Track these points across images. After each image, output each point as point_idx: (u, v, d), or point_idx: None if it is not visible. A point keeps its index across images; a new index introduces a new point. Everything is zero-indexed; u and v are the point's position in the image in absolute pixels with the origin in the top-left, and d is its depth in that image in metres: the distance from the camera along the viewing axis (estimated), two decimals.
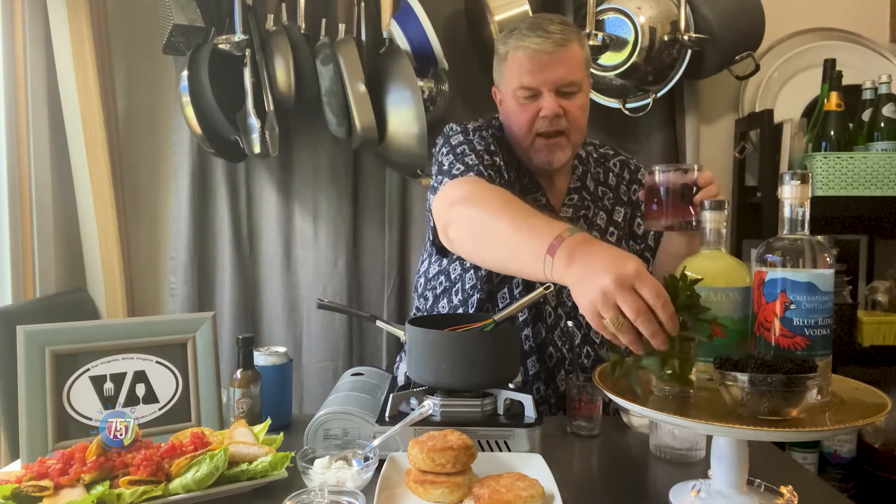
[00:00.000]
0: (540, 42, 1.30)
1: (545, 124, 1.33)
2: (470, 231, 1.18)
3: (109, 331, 1.14)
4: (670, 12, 1.82)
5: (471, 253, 1.22)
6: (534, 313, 1.39)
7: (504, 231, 1.09)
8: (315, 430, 1.08)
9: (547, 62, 1.30)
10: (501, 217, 1.11)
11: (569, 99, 1.33)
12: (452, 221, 1.21)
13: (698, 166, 1.20)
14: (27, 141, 1.76)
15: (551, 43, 1.29)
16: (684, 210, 1.18)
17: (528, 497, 0.87)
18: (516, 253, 1.07)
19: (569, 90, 1.32)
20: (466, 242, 1.20)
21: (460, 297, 1.42)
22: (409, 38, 1.81)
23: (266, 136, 1.78)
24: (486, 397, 1.12)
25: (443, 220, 1.24)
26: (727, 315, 0.95)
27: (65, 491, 0.89)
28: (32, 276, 1.78)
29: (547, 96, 1.31)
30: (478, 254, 1.20)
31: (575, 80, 1.32)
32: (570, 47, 1.31)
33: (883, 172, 1.70)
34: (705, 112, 2.11)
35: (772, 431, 0.79)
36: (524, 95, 1.33)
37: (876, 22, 2.10)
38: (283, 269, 2.05)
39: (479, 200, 1.19)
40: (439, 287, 1.46)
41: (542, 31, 1.30)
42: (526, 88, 1.32)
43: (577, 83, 1.33)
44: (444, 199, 1.25)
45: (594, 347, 1.42)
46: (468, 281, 1.41)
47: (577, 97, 1.34)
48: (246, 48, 1.75)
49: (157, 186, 2.09)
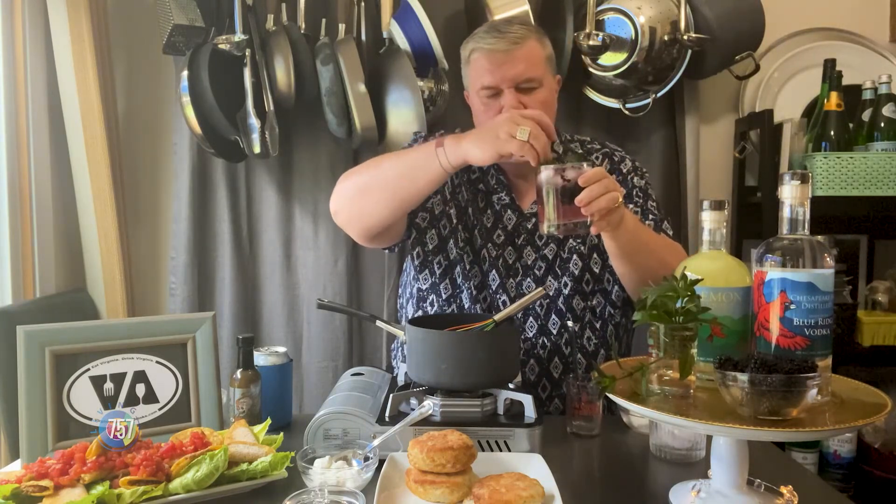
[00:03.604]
0: (494, 42, 1.35)
1: None
2: (355, 190, 1.34)
3: (109, 331, 1.14)
4: (670, 12, 1.82)
5: (361, 208, 1.33)
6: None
7: (390, 166, 1.31)
8: (315, 430, 1.08)
9: (503, 60, 1.34)
10: (383, 163, 1.33)
11: (529, 95, 1.36)
12: (335, 197, 1.37)
13: (586, 164, 1.14)
14: (27, 141, 1.76)
15: (506, 41, 1.34)
16: (570, 212, 1.12)
17: (528, 497, 0.87)
18: (409, 170, 1.27)
19: (529, 86, 1.35)
20: (354, 203, 1.34)
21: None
22: (409, 38, 1.81)
23: (266, 136, 1.78)
24: (486, 397, 1.12)
25: (333, 208, 1.39)
26: (727, 315, 0.95)
27: (65, 491, 0.89)
28: (32, 276, 1.78)
29: (507, 93, 1.35)
30: (367, 204, 1.32)
31: (534, 76, 1.35)
32: (527, 44, 1.35)
33: (883, 172, 1.70)
34: (705, 112, 2.11)
35: (772, 431, 0.79)
36: (486, 95, 1.37)
37: (876, 22, 2.10)
38: (283, 269, 2.04)
39: (356, 171, 1.38)
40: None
41: (496, 32, 1.36)
42: (487, 88, 1.36)
43: (536, 79, 1.35)
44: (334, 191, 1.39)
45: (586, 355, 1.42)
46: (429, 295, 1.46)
47: (538, 92, 1.37)
48: (246, 48, 1.75)
49: (157, 186, 2.09)
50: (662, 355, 0.90)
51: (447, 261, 1.44)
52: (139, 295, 2.06)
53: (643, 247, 1.27)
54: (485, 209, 1.46)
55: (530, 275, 1.42)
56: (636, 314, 0.91)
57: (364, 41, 1.91)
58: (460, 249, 1.43)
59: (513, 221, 1.45)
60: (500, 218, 1.45)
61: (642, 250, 1.26)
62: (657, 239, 1.34)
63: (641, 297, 0.92)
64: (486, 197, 1.47)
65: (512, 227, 1.44)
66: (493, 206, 1.46)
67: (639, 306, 0.92)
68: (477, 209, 1.46)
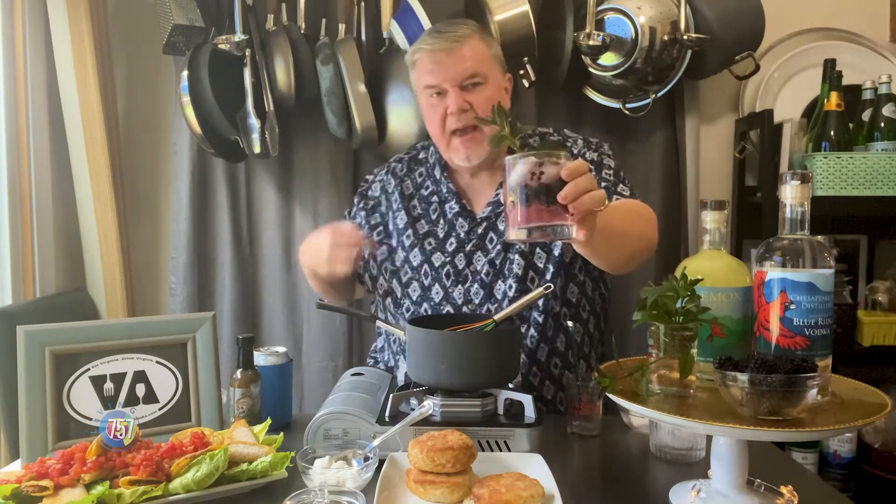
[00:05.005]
0: (434, 42, 1.38)
1: (454, 121, 1.37)
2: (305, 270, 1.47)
3: (109, 331, 1.14)
4: (670, 12, 1.82)
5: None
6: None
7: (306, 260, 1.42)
8: (315, 430, 1.09)
9: (444, 59, 1.36)
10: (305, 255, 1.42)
11: (474, 93, 1.36)
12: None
13: (566, 155, 0.94)
14: (27, 141, 1.76)
15: (445, 41, 1.37)
16: (546, 213, 0.92)
17: (528, 497, 0.87)
18: (315, 274, 1.39)
19: (473, 82, 1.36)
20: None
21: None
22: (409, 38, 1.81)
23: (266, 136, 1.78)
24: (486, 397, 1.12)
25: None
26: (727, 315, 0.95)
27: (65, 491, 0.89)
28: (32, 276, 1.78)
29: (451, 92, 1.36)
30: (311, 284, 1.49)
31: (477, 73, 1.36)
32: (468, 42, 1.37)
33: (883, 172, 1.70)
34: (705, 112, 2.11)
35: (772, 431, 0.79)
36: (431, 94, 1.39)
37: (876, 22, 2.10)
38: (283, 269, 2.04)
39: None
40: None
41: (436, 33, 1.40)
42: (430, 87, 1.38)
43: (480, 75, 1.36)
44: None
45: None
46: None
47: (483, 89, 1.37)
48: (246, 48, 1.75)
49: (157, 186, 2.09)
50: (662, 355, 0.90)
51: (394, 277, 1.45)
52: (139, 295, 2.06)
53: (617, 237, 1.18)
54: (437, 220, 1.46)
55: (477, 280, 1.39)
56: (636, 314, 0.91)
57: (364, 41, 1.91)
58: (404, 262, 1.44)
59: (465, 228, 1.43)
60: (454, 227, 1.44)
61: (615, 241, 1.19)
62: (625, 217, 1.26)
63: (641, 297, 0.92)
64: (440, 206, 1.47)
65: (465, 233, 1.43)
66: (445, 215, 1.46)
67: (639, 306, 0.92)
68: (430, 220, 1.46)
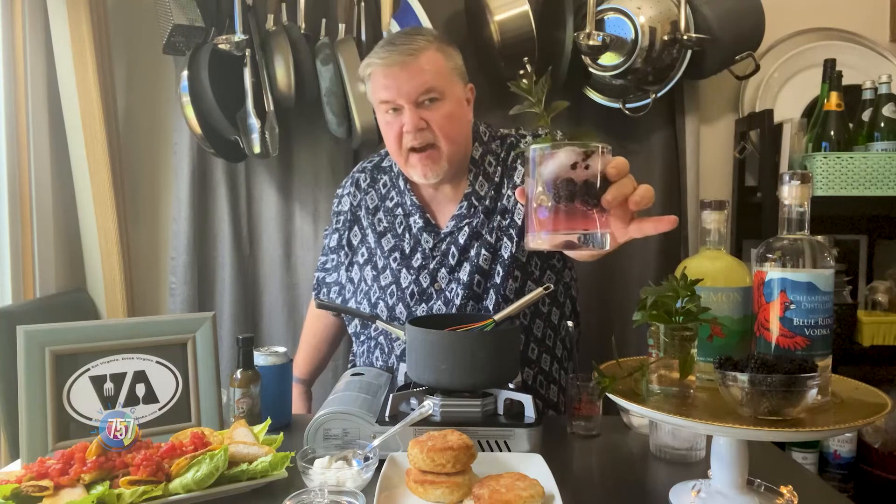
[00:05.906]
0: (386, 56, 1.28)
1: (410, 139, 1.30)
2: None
3: (109, 331, 1.14)
4: (670, 12, 1.82)
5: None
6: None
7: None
8: (315, 430, 1.08)
9: (399, 73, 1.27)
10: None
11: (431, 109, 1.29)
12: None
13: (602, 146, 0.79)
14: (27, 141, 1.76)
15: (398, 54, 1.27)
16: (583, 217, 0.78)
17: (528, 497, 0.87)
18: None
19: (429, 98, 1.28)
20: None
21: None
22: None
23: (266, 136, 1.78)
24: (486, 397, 1.12)
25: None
26: (727, 315, 0.95)
27: (65, 491, 0.89)
28: (32, 276, 1.78)
29: (406, 109, 1.28)
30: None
31: (433, 87, 1.28)
32: (424, 55, 1.28)
33: (883, 172, 1.70)
34: (705, 112, 2.11)
35: (772, 431, 0.79)
36: (386, 110, 1.31)
37: (876, 22, 2.10)
38: (283, 269, 2.05)
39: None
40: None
41: (389, 45, 1.29)
42: (385, 102, 1.30)
43: (437, 90, 1.28)
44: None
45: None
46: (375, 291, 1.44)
47: (440, 105, 1.29)
48: (246, 48, 1.75)
49: (157, 186, 2.09)
50: (662, 355, 0.90)
51: (365, 298, 1.43)
52: (139, 295, 2.06)
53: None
54: (403, 234, 1.41)
55: (441, 297, 1.37)
56: (636, 314, 0.91)
57: (364, 41, 1.91)
58: (373, 281, 1.42)
59: (430, 244, 1.39)
60: (419, 241, 1.40)
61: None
62: None
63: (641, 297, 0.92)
64: (405, 220, 1.42)
65: (429, 249, 1.39)
66: (410, 229, 1.41)
67: (639, 306, 0.92)
68: (396, 234, 1.42)
